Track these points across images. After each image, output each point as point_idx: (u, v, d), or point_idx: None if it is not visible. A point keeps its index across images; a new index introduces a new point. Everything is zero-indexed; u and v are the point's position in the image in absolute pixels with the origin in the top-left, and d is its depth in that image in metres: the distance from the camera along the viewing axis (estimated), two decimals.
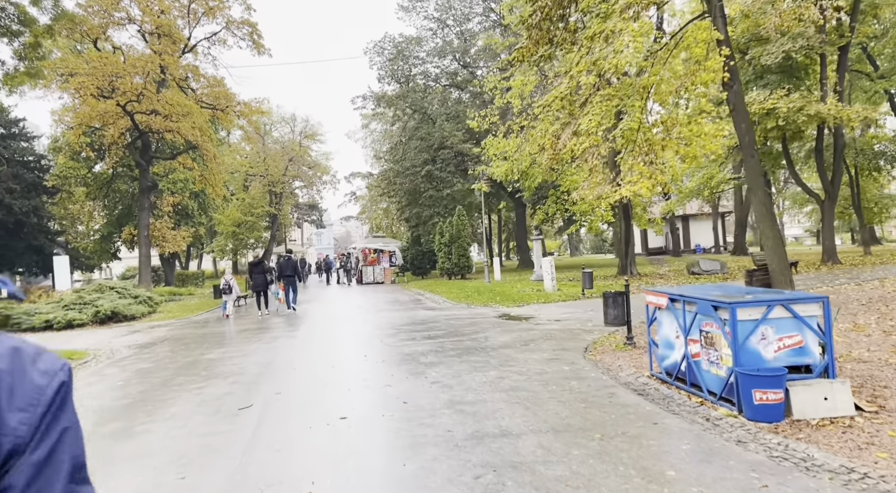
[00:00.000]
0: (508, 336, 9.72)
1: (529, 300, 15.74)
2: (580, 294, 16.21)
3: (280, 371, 7.77)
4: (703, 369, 5.35)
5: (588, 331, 9.92)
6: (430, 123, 35.73)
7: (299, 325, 13.29)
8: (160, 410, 6.06)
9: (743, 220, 42.27)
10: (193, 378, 7.67)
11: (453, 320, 12.59)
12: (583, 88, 12.29)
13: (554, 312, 12.91)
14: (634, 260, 24.96)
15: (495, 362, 7.56)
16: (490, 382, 6.44)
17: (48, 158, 34.54)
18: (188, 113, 24.66)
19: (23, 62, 25.61)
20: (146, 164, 27.01)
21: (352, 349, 9.48)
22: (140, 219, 26.90)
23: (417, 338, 10.07)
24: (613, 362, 7.34)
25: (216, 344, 10.92)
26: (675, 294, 5.73)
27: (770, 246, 10.68)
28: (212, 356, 9.44)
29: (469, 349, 8.61)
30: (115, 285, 18.35)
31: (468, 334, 10.16)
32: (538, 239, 24.04)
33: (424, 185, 32.99)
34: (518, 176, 23.26)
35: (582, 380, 6.32)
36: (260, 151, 46.57)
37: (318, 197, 60.49)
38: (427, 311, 14.87)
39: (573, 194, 12.83)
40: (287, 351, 9.57)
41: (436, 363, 7.66)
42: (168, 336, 12.69)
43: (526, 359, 7.65)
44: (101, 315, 15.95)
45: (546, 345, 8.69)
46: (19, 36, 24.89)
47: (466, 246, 29.97)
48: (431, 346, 9.13)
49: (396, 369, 7.47)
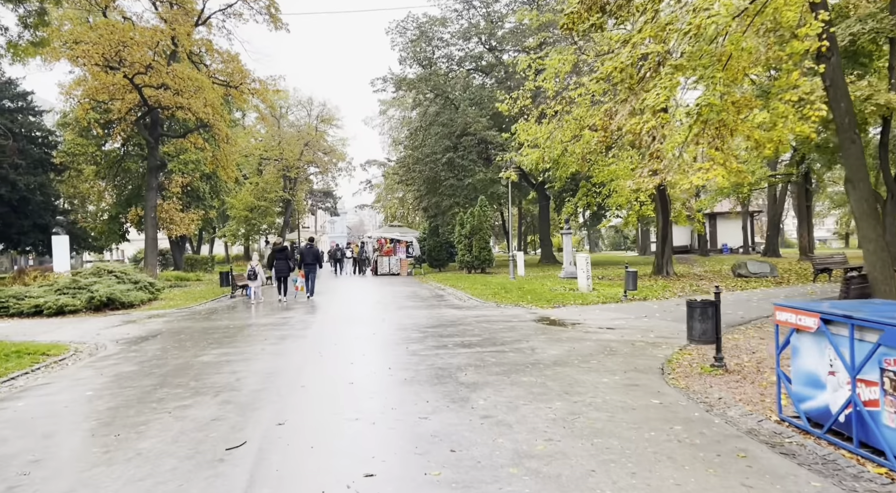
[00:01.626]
0: (559, 348, 8.12)
1: (565, 301, 14.12)
2: (621, 296, 14.55)
3: (285, 387, 6.24)
4: (883, 424, 3.73)
5: (653, 344, 8.30)
6: (453, 109, 34.02)
7: (311, 323, 11.78)
8: (124, 444, 4.55)
9: (776, 220, 40.21)
10: (178, 391, 6.17)
11: (485, 322, 11.01)
12: (646, 59, 10.62)
13: (600, 317, 11.27)
14: (671, 259, 23.20)
15: (556, 386, 5.98)
16: (560, 419, 4.85)
17: (56, 134, 33.33)
18: (199, 88, 23.19)
19: (28, 31, 24.32)
20: (154, 142, 25.63)
21: (372, 358, 7.93)
22: (147, 199, 25.56)
23: (449, 345, 8.50)
24: (708, 391, 5.73)
25: (215, 342, 9.44)
26: (836, 314, 4.09)
27: (872, 250, 8.95)
28: (207, 359, 7.94)
29: (517, 365, 7.03)
30: (115, 269, 16.98)
31: (509, 343, 8.57)
32: (568, 233, 22.35)
33: (445, 173, 31.35)
34: (549, 165, 21.55)
35: (687, 423, 4.71)
36: (275, 134, 45.20)
37: (332, 184, 59.11)
38: (453, 310, 13.30)
39: (629, 182, 11.21)
40: (295, 357, 8.05)
41: (480, 385, 6.09)
42: (163, 330, 11.25)
43: (595, 384, 6.05)
44: (96, 302, 14.57)
45: (611, 362, 7.09)
46: (24, 1, 23.58)
47: (488, 239, 28.34)
48: (468, 357, 7.56)
49: (431, 390, 5.91)
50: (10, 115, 30.14)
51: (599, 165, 22.46)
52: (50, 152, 32.11)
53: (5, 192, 27.76)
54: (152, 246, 25.36)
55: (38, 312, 14.03)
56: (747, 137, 11.34)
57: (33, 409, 5.79)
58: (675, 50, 10.87)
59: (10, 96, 31.15)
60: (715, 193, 33.28)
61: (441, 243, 32.67)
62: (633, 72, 10.81)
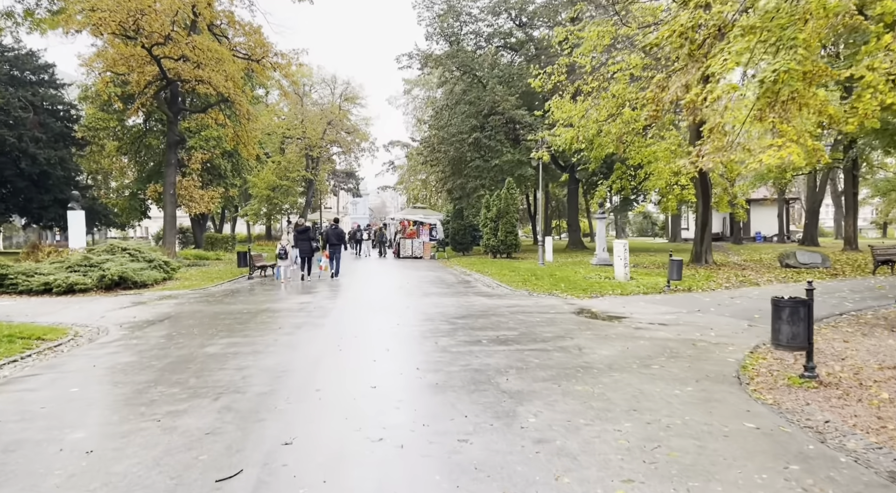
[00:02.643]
0: (610, 347, 7.09)
1: (603, 291, 13.05)
2: (663, 287, 13.41)
3: (296, 391, 5.34)
4: None
5: (716, 345, 7.23)
6: (480, 87, 32.72)
7: (330, 309, 10.91)
8: (94, 467, 3.68)
9: (815, 207, 38.34)
10: (174, 391, 5.32)
11: (520, 313, 10.01)
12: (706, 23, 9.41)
13: (647, 310, 10.19)
14: (711, 247, 21.87)
15: (619, 399, 4.97)
16: (636, 448, 3.86)
17: (78, 108, 32.89)
18: (220, 60, 22.33)
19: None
20: (174, 116, 24.93)
21: (397, 355, 7.01)
22: (166, 176, 24.95)
23: (483, 341, 7.53)
24: (808, 411, 4.67)
25: (225, 329, 8.62)
26: None
27: None
28: (213, 350, 7.10)
29: (565, 369, 6.03)
30: (129, 247, 16.32)
31: (551, 340, 7.57)
32: (602, 218, 21.14)
33: (471, 153, 30.18)
34: (584, 145, 20.29)
35: (804, 461, 3.67)
36: (298, 112, 44.34)
37: (355, 164, 58.34)
38: (483, 298, 12.32)
39: (682, 161, 10.05)
40: (310, 350, 7.16)
41: (526, 394, 5.12)
42: (173, 313, 10.48)
43: (665, 397, 5.03)
44: (107, 281, 13.90)
45: (675, 368, 6.06)
46: None
47: (515, 222, 27.22)
48: (507, 357, 6.59)
49: (468, 401, 4.95)
50: (32, 87, 29.74)
51: (636, 147, 21.09)
52: (71, 126, 31.73)
53: (26, 166, 27.44)
54: (171, 223, 24.80)
55: (47, 290, 13.42)
56: (819, 112, 10.05)
57: (2, 409, 4.98)
58: (737, 15, 9.61)
59: (32, 68, 30.74)
60: (755, 178, 31.59)
61: (465, 227, 31.63)
62: (693, 36, 9.60)
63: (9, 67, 29.51)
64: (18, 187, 28.21)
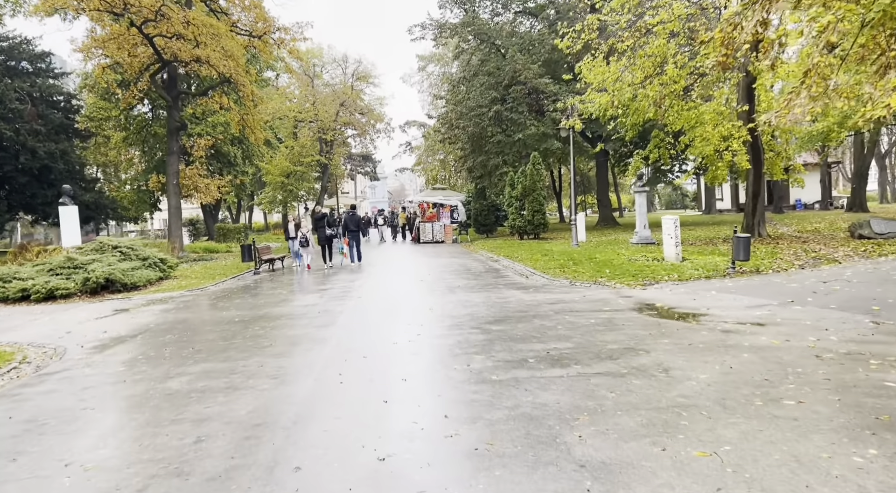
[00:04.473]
0: (705, 366, 5.19)
1: (656, 276, 11.09)
2: (727, 269, 11.37)
3: (265, 471, 3.58)
4: None
5: (853, 357, 5.25)
6: (499, 56, 30.46)
7: (337, 315, 9.16)
8: None
9: (864, 171, 35.44)
10: (89, 474, 3.60)
11: (567, 312, 8.14)
12: None
13: (726, 304, 8.20)
14: (764, 218, 19.63)
15: (772, 479, 3.11)
16: None
17: (78, 98, 31.52)
18: (216, 36, 20.55)
19: None
20: (173, 101, 23.29)
21: (417, 390, 5.21)
22: (168, 165, 23.43)
23: (530, 359, 5.70)
24: None
25: (204, 349, 6.93)
26: None
27: None
28: (176, 385, 5.40)
29: (658, 409, 4.17)
30: (121, 244, 14.81)
31: (621, 355, 5.70)
32: (642, 192, 19.00)
33: (492, 128, 28.05)
34: (621, 111, 18.12)
35: None
36: (309, 94, 42.46)
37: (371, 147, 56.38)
38: (518, 292, 10.45)
39: (763, 118, 7.98)
40: (303, 385, 5.40)
41: (617, 470, 3.28)
42: (153, 325, 8.84)
43: (845, 473, 3.15)
44: (92, 284, 12.37)
45: (818, 404, 4.14)
46: None
47: (542, 200, 25.17)
48: (570, 389, 4.75)
49: (531, 486, 3.14)
50: (29, 77, 28.36)
51: (675, 111, 18.74)
52: (72, 118, 30.38)
53: (25, 160, 26.16)
54: (176, 215, 23.33)
55: (25, 297, 11.95)
56: None
57: None
58: None
59: (28, 58, 29.30)
60: (802, 141, 28.94)
61: (488, 207, 29.69)
62: None
63: (4, 57, 28.15)
64: (20, 183, 26.98)
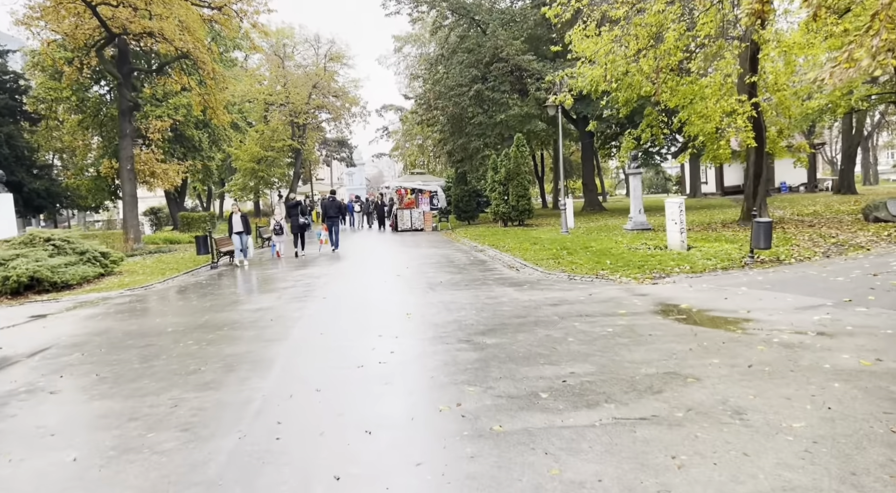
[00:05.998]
0: (788, 403, 3.78)
1: (665, 267, 9.71)
2: (745, 258, 10.03)
3: None
4: None
5: None
6: (480, 32, 28.76)
7: (295, 320, 7.60)
8: None
9: (852, 152, 34.52)
10: None
11: (575, 317, 6.68)
12: None
13: (767, 304, 6.80)
14: (766, 202, 18.43)
15: None
16: None
17: (26, 78, 29.07)
18: (169, 3, 18.54)
19: None
20: (124, 79, 21.21)
21: (385, 456, 3.70)
22: (121, 149, 21.42)
23: (544, 397, 4.22)
24: None
25: (111, 377, 5.33)
26: None
27: None
28: (40, 449, 3.83)
29: None
30: (55, 236, 12.97)
31: (665, 387, 4.26)
32: (636, 173, 17.65)
33: (472, 108, 26.43)
34: (614, 85, 16.66)
35: None
36: (279, 75, 40.22)
37: (347, 132, 54.21)
38: (510, 289, 8.97)
39: (817, 74, 6.61)
40: (220, 451, 3.86)
41: None
42: (64, 338, 7.18)
43: None
44: (12, 284, 10.60)
45: None
46: None
47: (527, 185, 23.72)
48: (611, 454, 3.30)
49: None
50: None
51: (669, 86, 17.28)
52: (19, 99, 28.00)
53: None
54: (131, 203, 21.37)
55: None
56: None
57: None
58: None
59: None
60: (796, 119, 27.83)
61: (469, 192, 28.16)
62: None
63: None
64: None
